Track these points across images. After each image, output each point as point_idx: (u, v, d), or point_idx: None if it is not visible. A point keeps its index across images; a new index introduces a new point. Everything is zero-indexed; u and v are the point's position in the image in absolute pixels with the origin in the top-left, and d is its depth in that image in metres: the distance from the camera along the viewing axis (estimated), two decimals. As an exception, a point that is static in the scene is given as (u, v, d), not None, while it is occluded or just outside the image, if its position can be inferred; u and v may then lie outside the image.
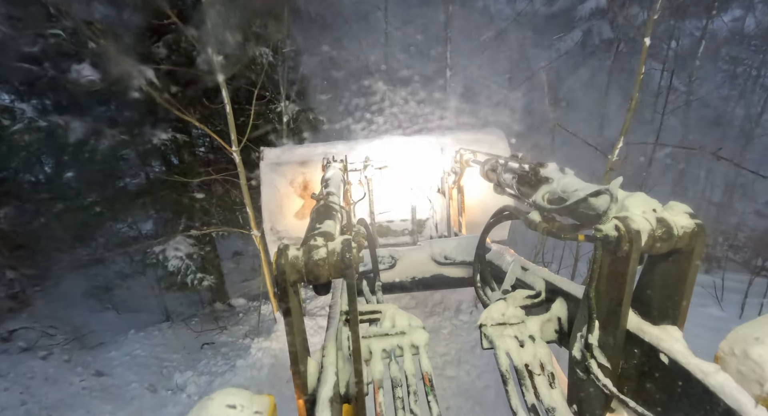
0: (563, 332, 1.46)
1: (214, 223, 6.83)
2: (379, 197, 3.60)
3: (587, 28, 11.44)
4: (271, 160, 3.73)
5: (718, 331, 4.81)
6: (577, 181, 1.40)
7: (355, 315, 1.09)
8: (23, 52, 5.19)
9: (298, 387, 1.17)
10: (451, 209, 3.53)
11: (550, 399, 1.26)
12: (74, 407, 4.90)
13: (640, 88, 4.49)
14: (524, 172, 1.76)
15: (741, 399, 0.82)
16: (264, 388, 4.70)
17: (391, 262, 2.55)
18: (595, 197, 1.20)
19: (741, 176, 9.86)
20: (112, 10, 5.26)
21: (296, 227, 3.65)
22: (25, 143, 5.14)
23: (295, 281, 1.06)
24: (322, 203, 1.61)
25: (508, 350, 1.37)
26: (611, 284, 1.10)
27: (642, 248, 1.00)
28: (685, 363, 0.96)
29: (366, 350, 1.39)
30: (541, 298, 1.60)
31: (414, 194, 3.73)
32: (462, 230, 3.47)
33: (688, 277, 1.05)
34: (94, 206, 6.23)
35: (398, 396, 1.27)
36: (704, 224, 1.02)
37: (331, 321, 1.55)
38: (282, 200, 3.66)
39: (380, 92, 7.81)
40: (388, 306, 1.58)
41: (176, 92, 5.69)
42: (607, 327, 1.14)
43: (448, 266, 2.54)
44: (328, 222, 1.32)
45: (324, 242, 1.09)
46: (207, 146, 7.63)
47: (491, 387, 4.41)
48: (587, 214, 1.22)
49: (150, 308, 7.68)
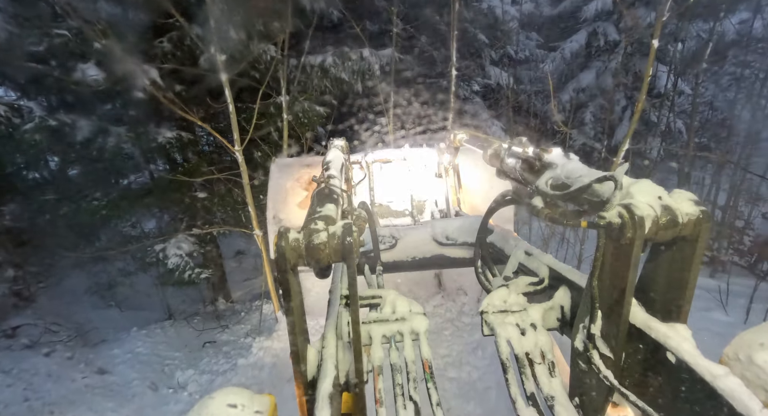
0: (565, 320, 1.44)
1: (216, 222, 6.86)
2: (379, 178, 3.66)
3: (592, 29, 11.39)
4: (280, 163, 4.06)
5: (722, 336, 4.77)
6: (582, 167, 1.37)
7: (356, 299, 1.08)
8: (30, 51, 5.23)
9: (298, 374, 1.15)
10: (450, 189, 3.56)
11: (549, 387, 1.25)
12: (76, 404, 4.92)
13: (647, 90, 4.47)
14: (528, 157, 1.73)
15: (751, 405, 0.80)
16: (265, 387, 4.70)
17: (391, 242, 2.54)
18: (600, 183, 1.17)
19: (747, 179, 9.78)
20: (117, 9, 5.30)
21: (299, 216, 3.68)
22: (35, 141, 5.18)
23: (295, 264, 1.05)
24: (323, 186, 1.59)
25: (509, 338, 1.35)
26: (614, 273, 1.08)
27: (646, 235, 0.98)
28: (693, 364, 0.94)
29: (366, 335, 1.38)
30: (545, 285, 1.58)
31: (413, 175, 3.75)
32: (461, 209, 3.48)
33: (692, 266, 1.03)
34: (99, 204, 6.27)
35: (398, 382, 1.26)
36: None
37: (331, 305, 1.54)
38: (287, 192, 3.74)
39: (384, 93, 7.80)
40: (389, 291, 1.57)
41: (180, 91, 5.71)
42: (610, 316, 1.12)
43: (450, 246, 2.54)
44: (329, 206, 1.30)
45: (325, 226, 1.08)
46: (211, 144, 7.66)
47: (492, 388, 4.39)
48: (591, 201, 1.20)
49: (152, 306, 7.72)
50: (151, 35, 5.67)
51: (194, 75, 5.48)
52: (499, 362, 1.33)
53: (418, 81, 9.14)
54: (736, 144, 10.82)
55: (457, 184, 3.55)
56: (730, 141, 10.95)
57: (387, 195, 3.71)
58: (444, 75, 8.79)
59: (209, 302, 7.82)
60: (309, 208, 1.37)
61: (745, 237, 8.65)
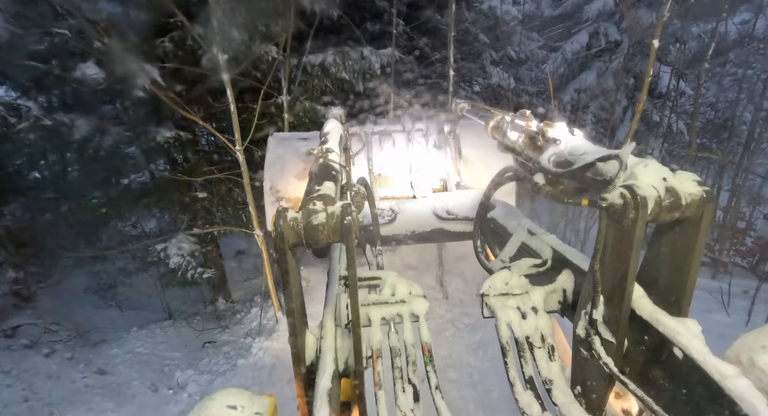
0: (567, 303, 1.41)
1: (216, 222, 6.85)
2: (378, 150, 3.63)
3: (594, 29, 11.39)
4: (278, 136, 4.01)
5: (724, 338, 4.74)
6: (587, 144, 1.34)
7: (354, 281, 1.06)
8: (30, 51, 5.24)
9: (296, 359, 1.14)
10: (450, 160, 3.51)
11: (548, 371, 1.24)
12: (76, 404, 4.92)
13: (647, 91, 4.46)
14: (531, 131, 1.67)
15: (761, 409, 0.77)
16: (265, 388, 4.70)
17: (391, 215, 2.52)
18: (604, 162, 1.14)
19: (749, 180, 9.76)
20: (117, 8, 5.29)
21: (296, 186, 3.58)
22: (30, 141, 5.18)
23: (294, 244, 1.04)
24: (321, 162, 1.55)
25: (510, 321, 1.34)
26: (617, 256, 1.05)
27: (648, 216, 0.96)
28: (702, 362, 0.91)
29: (365, 318, 1.36)
30: (548, 267, 1.54)
31: (413, 146, 3.73)
32: (462, 180, 3.43)
33: (695, 249, 1.00)
34: (99, 204, 6.27)
35: (397, 366, 1.25)
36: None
37: (330, 286, 1.51)
38: (285, 162, 3.64)
39: (384, 94, 7.80)
40: (389, 273, 1.54)
41: (181, 91, 5.71)
42: (612, 301, 1.09)
43: (450, 221, 2.51)
44: (328, 184, 1.28)
45: (323, 207, 1.06)
46: (211, 144, 7.66)
47: (493, 390, 4.38)
48: (594, 179, 1.17)
49: (152, 306, 7.72)
50: (153, 35, 5.67)
51: (195, 75, 5.48)
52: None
53: (419, 82, 9.14)
54: (738, 145, 10.80)
55: (457, 155, 3.48)
56: (731, 142, 10.93)
57: (386, 166, 3.66)
58: (445, 76, 8.78)
59: (209, 302, 7.81)
60: (307, 185, 1.34)
61: (747, 238, 8.63)
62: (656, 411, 0.95)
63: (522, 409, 1.16)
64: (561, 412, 1.16)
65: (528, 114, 1.81)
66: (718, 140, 11.88)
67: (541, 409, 1.16)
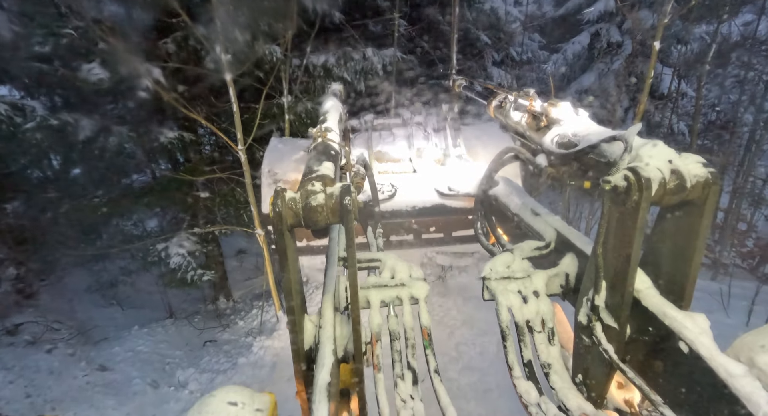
0: (569, 287, 1.39)
1: (218, 221, 6.87)
2: (377, 131, 3.63)
3: (595, 31, 11.37)
4: (281, 138, 4.13)
5: (724, 338, 4.73)
6: (591, 124, 1.30)
7: (353, 262, 1.04)
8: (35, 51, 5.26)
9: (294, 344, 1.12)
10: (449, 138, 3.49)
11: (547, 355, 1.24)
12: (78, 401, 4.94)
13: (648, 92, 4.45)
14: (534, 111, 1.61)
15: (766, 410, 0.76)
16: (265, 386, 4.71)
17: (391, 191, 2.50)
18: (609, 143, 1.11)
19: (750, 182, 9.73)
20: (121, 9, 5.31)
21: (295, 169, 3.52)
22: (36, 140, 5.20)
23: (292, 225, 1.02)
24: (320, 141, 1.53)
25: (510, 305, 1.32)
26: (620, 240, 1.03)
27: (652, 198, 0.94)
28: (709, 359, 0.90)
29: (364, 301, 1.33)
30: (550, 250, 1.51)
31: (413, 126, 3.71)
32: (461, 155, 3.42)
33: (700, 232, 0.97)
34: (100, 203, 6.29)
35: (396, 349, 1.23)
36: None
37: (329, 268, 1.48)
38: (284, 152, 3.65)
39: (386, 93, 7.81)
40: (389, 255, 1.51)
41: (183, 91, 5.73)
42: (615, 286, 1.07)
43: (451, 197, 2.50)
44: (327, 164, 1.26)
45: (322, 187, 1.04)
46: (213, 144, 7.67)
47: (493, 390, 4.38)
48: (598, 161, 1.14)
49: (154, 304, 7.73)
50: (156, 35, 5.69)
51: (197, 75, 5.50)
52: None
53: (421, 81, 9.13)
54: (739, 146, 10.78)
55: (457, 131, 3.47)
56: (732, 143, 10.90)
57: (386, 142, 3.61)
58: (446, 76, 8.80)
59: (210, 301, 7.83)
60: (306, 164, 1.31)
61: (748, 240, 8.61)
62: (654, 401, 0.94)
63: (520, 394, 1.15)
64: (558, 397, 1.15)
65: (532, 93, 1.76)
66: (719, 142, 11.85)
67: (539, 393, 1.15)
